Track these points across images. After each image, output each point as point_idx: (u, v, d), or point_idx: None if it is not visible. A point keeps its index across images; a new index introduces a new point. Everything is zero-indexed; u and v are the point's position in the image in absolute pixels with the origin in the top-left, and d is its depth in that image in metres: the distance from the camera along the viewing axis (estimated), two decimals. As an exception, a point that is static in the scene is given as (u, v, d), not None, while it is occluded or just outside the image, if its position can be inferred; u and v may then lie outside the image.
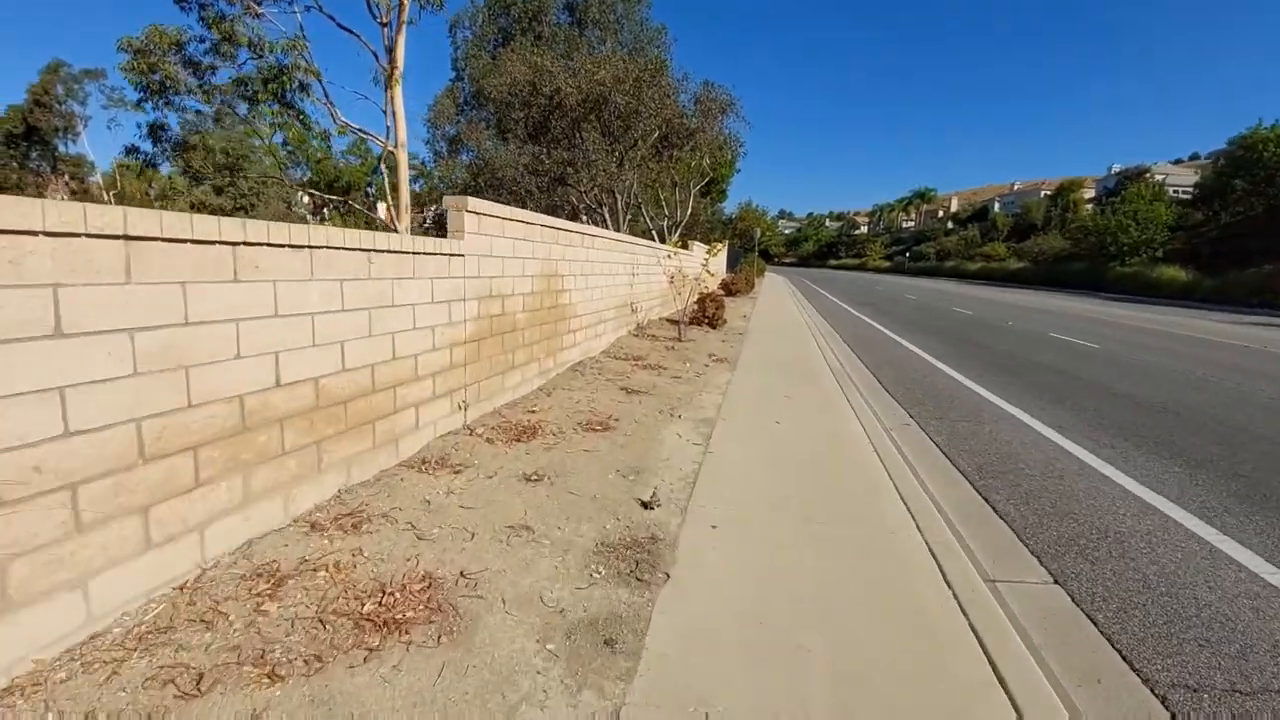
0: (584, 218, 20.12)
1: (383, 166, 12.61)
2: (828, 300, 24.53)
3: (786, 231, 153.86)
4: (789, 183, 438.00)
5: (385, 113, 11.34)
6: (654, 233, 24.19)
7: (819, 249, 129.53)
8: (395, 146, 12.47)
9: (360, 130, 11.97)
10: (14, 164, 63.00)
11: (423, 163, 34.78)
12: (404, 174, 12.57)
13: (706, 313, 11.07)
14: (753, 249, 42.17)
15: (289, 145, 74.52)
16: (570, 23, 30.64)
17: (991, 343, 11.98)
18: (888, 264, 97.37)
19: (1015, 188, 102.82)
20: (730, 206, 74.02)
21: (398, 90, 12.06)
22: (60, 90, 62.90)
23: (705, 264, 9.24)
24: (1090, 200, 72.80)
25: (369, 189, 60.52)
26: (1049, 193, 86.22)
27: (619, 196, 19.17)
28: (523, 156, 18.11)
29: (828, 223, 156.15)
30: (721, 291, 21.76)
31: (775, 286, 32.02)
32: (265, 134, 66.54)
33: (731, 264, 34.01)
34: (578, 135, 17.60)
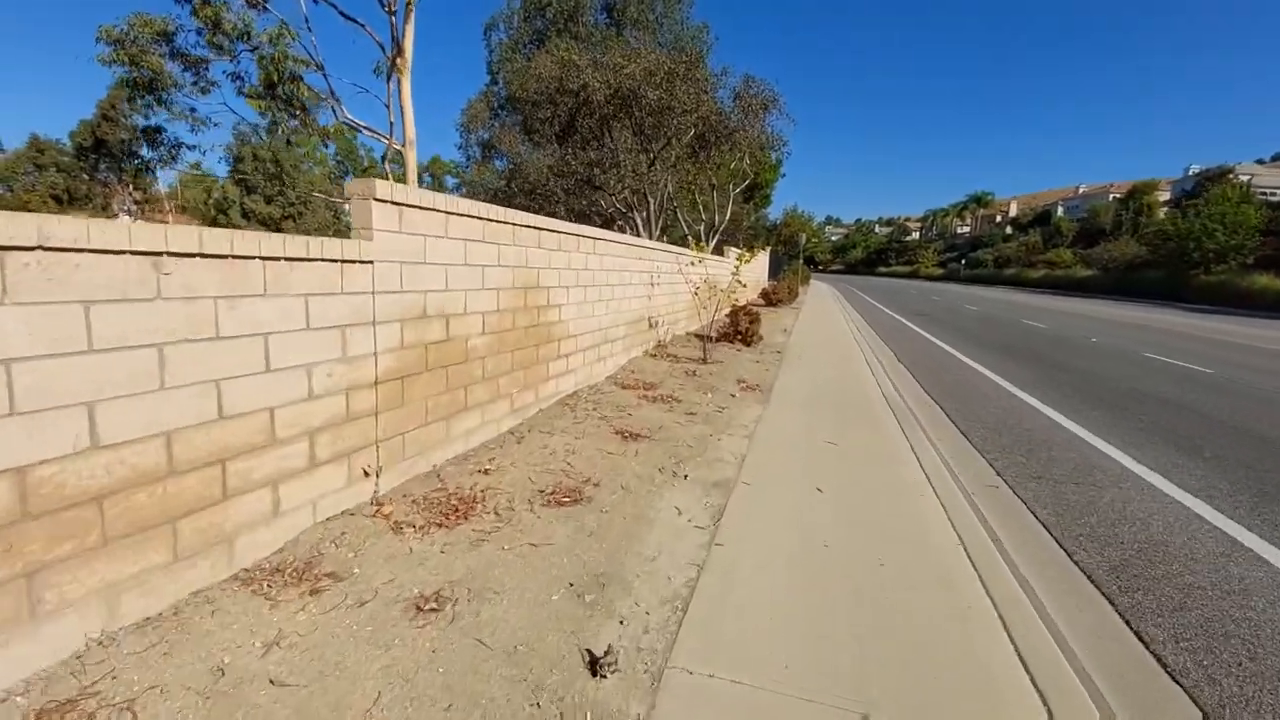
0: (619, 224, 18.96)
1: (386, 167, 11.72)
2: (878, 310, 22.69)
3: (834, 238, 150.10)
4: (836, 188, 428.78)
5: (388, 107, 10.40)
6: (690, 238, 22.89)
7: (868, 256, 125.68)
8: (403, 145, 11.54)
9: (365, 127, 11.09)
10: (84, 175, 66.54)
11: (462, 168, 34.05)
12: (412, 177, 11.63)
13: (739, 328, 9.68)
14: (797, 255, 40.37)
15: (338, 155, 76.24)
16: (608, 23, 29.82)
17: (1078, 364, 10.18)
18: (941, 271, 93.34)
19: (1080, 191, 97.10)
20: (775, 212, 72.25)
21: (406, 83, 11.13)
22: (125, 105, 66.14)
23: (735, 272, 7.86)
24: (1166, 203, 67.79)
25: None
26: (1118, 196, 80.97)
27: (651, 200, 17.95)
28: (547, 158, 17.09)
29: (877, 228, 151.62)
30: (761, 302, 20.27)
31: (821, 295, 30.21)
32: (312, 144, 67.51)
33: (774, 271, 32.38)
34: (606, 134, 16.49)
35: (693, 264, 8.33)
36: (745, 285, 7.85)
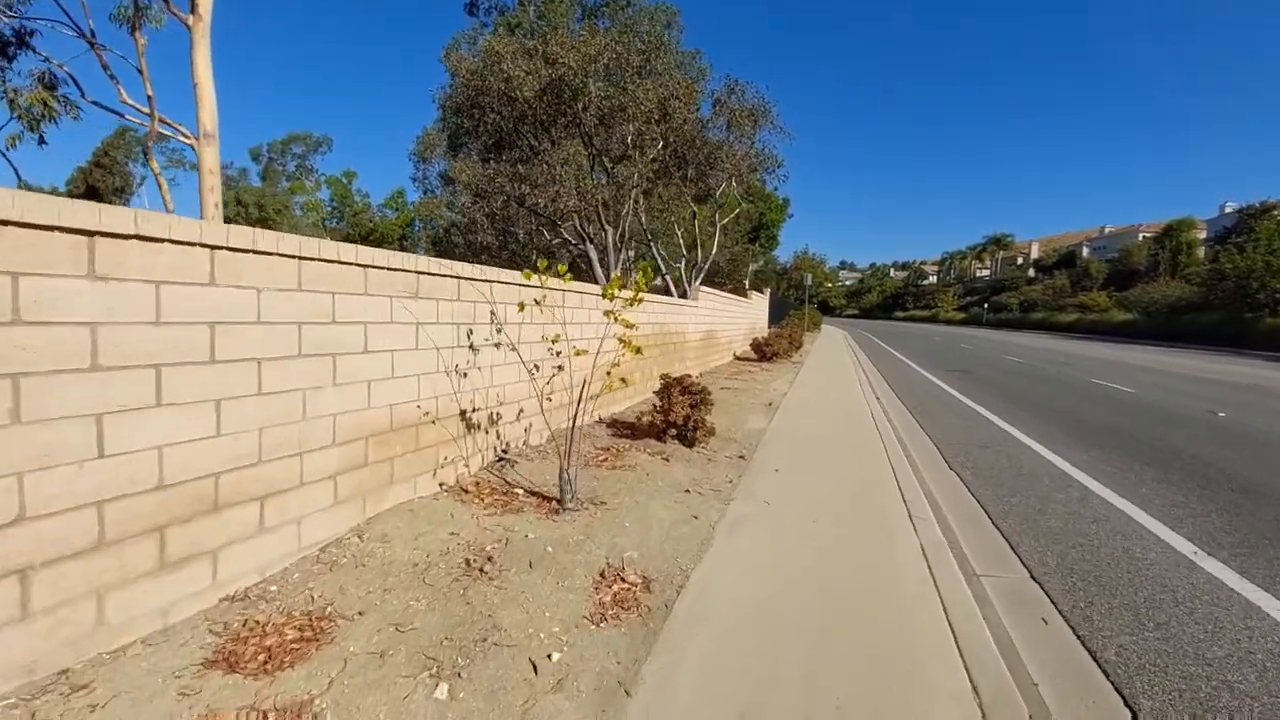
0: (598, 270, 15.18)
1: (152, 168, 8.09)
2: (902, 365, 18.48)
3: (848, 282, 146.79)
4: (850, 233, 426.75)
5: (141, 72, 6.77)
6: (668, 278, 19.06)
7: (883, 300, 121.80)
8: (198, 139, 7.87)
9: (130, 110, 7.48)
10: (78, 224, 65.15)
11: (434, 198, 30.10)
12: (210, 182, 7.90)
13: (671, 418, 5.61)
14: (804, 299, 36.52)
15: (333, 200, 74.94)
16: (590, 49, 26.98)
17: (1256, 476, 5.93)
18: (962, 315, 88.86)
19: (1106, 231, 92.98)
20: (785, 255, 69.08)
21: (202, 52, 7.55)
22: (125, 154, 65.36)
23: (615, 319, 3.80)
24: (1206, 241, 63.30)
25: (403, 241, 58.77)
26: (1149, 235, 76.64)
27: (610, 230, 14.21)
28: (464, 175, 13.46)
29: (892, 272, 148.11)
30: (752, 355, 16.21)
31: (832, 345, 26.06)
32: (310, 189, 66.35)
33: (777, 317, 28.40)
34: (541, 142, 12.90)
35: (521, 309, 4.14)
36: (640, 351, 3.71)
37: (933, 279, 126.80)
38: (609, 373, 3.81)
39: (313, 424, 2.94)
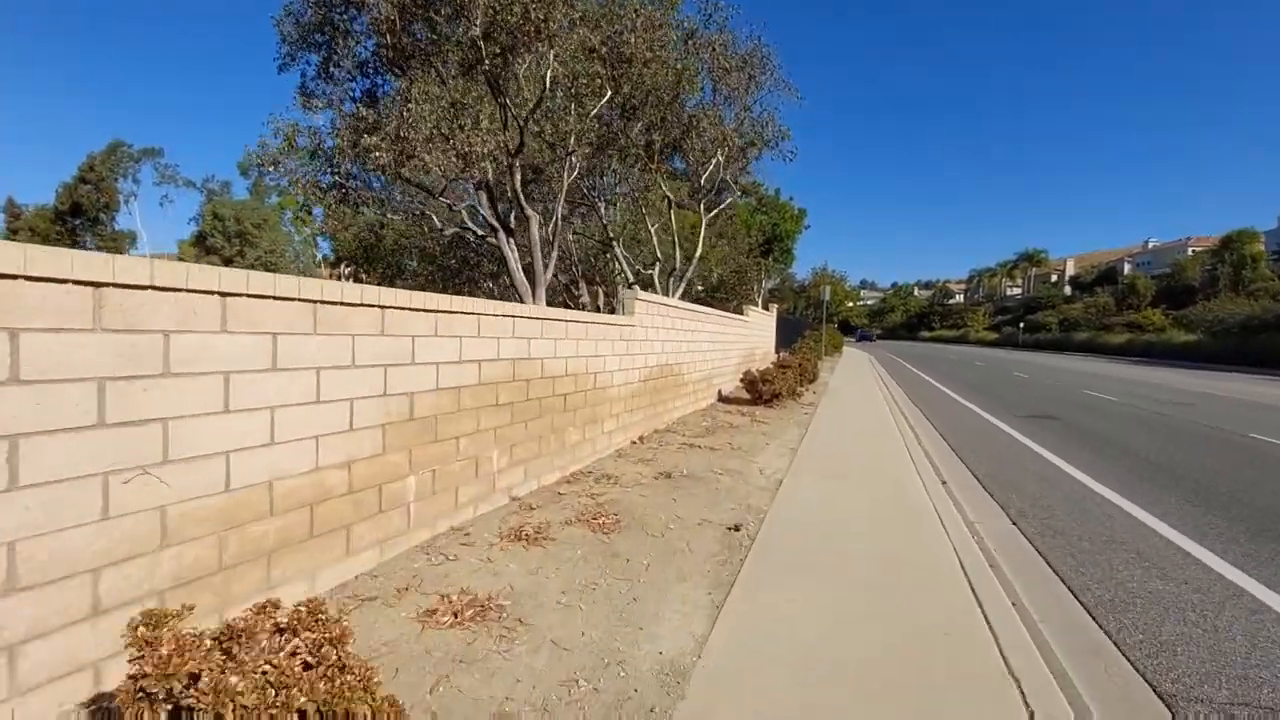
0: (516, 273, 10.69)
1: None
2: (953, 405, 13.69)
3: (869, 302, 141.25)
4: (871, 253, 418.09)
5: None
6: (635, 287, 14.60)
7: (908, 320, 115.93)
8: None
9: None
10: (65, 240, 63.45)
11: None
12: None
13: None
14: (824, 318, 31.74)
15: (327, 215, 71.89)
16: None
17: None
18: (994, 335, 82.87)
19: (1150, 246, 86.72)
20: (803, 272, 64.46)
21: None
22: (110, 169, 63.10)
23: None
24: (1270, 254, 57.34)
25: (393, 255, 55.56)
26: (1198, 250, 70.62)
27: (531, 213, 9.83)
28: (277, 123, 9.07)
29: (916, 292, 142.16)
30: (745, 395, 11.56)
31: (856, 374, 21.25)
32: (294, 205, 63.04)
33: (789, 339, 23.70)
34: (424, 84, 8.62)
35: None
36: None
37: (959, 298, 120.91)
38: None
39: None
